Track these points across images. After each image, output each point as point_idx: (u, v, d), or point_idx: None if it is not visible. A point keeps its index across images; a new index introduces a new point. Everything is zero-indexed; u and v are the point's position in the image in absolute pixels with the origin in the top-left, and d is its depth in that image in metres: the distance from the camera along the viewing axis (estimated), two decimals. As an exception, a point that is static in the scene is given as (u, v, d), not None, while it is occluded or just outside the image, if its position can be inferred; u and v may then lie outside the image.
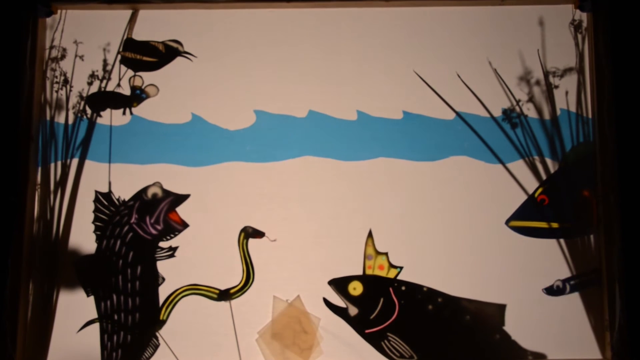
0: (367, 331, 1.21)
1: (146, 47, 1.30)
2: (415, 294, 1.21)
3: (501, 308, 1.20)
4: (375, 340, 1.20)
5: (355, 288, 1.21)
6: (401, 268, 1.22)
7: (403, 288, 1.21)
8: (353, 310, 1.21)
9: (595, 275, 1.21)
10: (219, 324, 1.21)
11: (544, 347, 1.20)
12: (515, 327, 1.20)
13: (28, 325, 1.21)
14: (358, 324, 1.21)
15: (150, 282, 1.23)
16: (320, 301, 1.21)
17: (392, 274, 1.22)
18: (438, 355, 1.20)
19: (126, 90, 1.28)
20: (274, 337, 1.20)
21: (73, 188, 1.25)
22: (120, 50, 1.30)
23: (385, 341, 1.20)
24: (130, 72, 1.29)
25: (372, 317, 1.21)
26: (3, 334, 1.17)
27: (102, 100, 1.28)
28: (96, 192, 1.25)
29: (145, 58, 1.29)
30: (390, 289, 1.22)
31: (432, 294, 1.21)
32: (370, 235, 1.23)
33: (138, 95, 1.28)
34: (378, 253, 1.22)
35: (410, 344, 1.20)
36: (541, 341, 1.20)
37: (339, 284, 1.22)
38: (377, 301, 1.21)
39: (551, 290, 1.20)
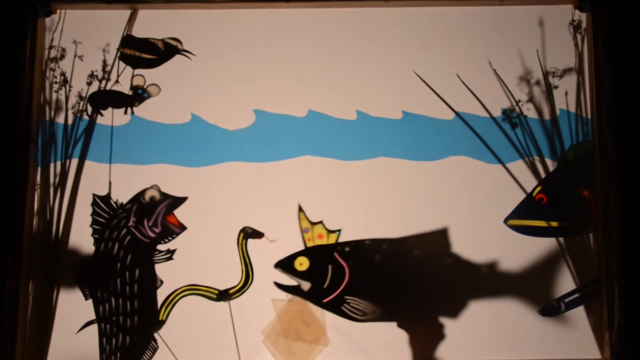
0: (324, 301, 1.21)
1: (145, 44, 1.30)
2: (360, 249, 1.22)
3: (444, 232, 1.22)
4: (335, 307, 1.21)
5: (302, 263, 1.22)
6: (339, 231, 1.23)
7: (347, 249, 1.22)
8: (305, 285, 1.22)
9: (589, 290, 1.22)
10: (218, 324, 1.21)
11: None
12: (464, 248, 1.22)
13: (28, 325, 1.21)
14: (314, 297, 1.22)
15: (148, 285, 1.23)
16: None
17: (332, 239, 1.23)
18: (399, 299, 1.21)
19: (126, 88, 1.28)
20: (279, 334, 1.20)
21: (73, 188, 1.25)
22: (120, 47, 1.30)
23: (345, 305, 1.21)
24: (129, 70, 1.29)
25: (325, 286, 1.22)
26: (3, 334, 1.17)
27: (104, 99, 1.28)
28: (94, 195, 1.25)
29: (144, 55, 1.29)
30: (335, 254, 1.22)
31: (376, 243, 1.22)
32: (300, 209, 1.23)
33: (140, 95, 1.28)
34: (313, 224, 1.23)
35: (369, 299, 1.21)
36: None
37: (285, 264, 1.22)
38: (326, 269, 1.22)
39: (546, 311, 1.21)
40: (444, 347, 1.20)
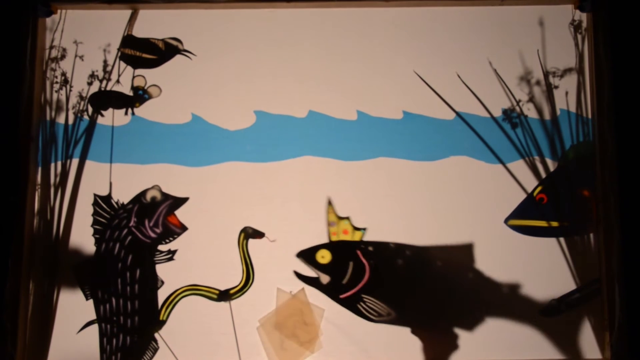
0: (341, 296, 1.21)
1: (146, 44, 1.30)
2: (383, 251, 1.22)
3: (469, 247, 1.21)
4: (351, 304, 1.21)
5: (324, 256, 1.22)
6: (365, 229, 1.23)
7: (370, 248, 1.22)
8: (325, 279, 1.22)
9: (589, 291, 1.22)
10: (219, 324, 1.21)
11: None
12: (487, 263, 1.21)
13: (28, 325, 1.21)
14: (331, 291, 1.22)
15: (149, 285, 1.23)
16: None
17: (357, 236, 1.23)
18: (415, 306, 1.21)
19: (127, 89, 1.28)
20: (276, 326, 1.20)
21: (73, 188, 1.25)
22: (120, 47, 1.30)
23: (361, 303, 1.21)
24: (130, 69, 1.29)
25: (344, 282, 1.21)
26: (3, 334, 1.17)
27: (105, 99, 1.28)
28: (95, 195, 1.25)
29: (145, 55, 1.29)
30: (358, 252, 1.22)
31: (400, 248, 1.22)
32: (329, 203, 1.23)
33: (141, 96, 1.28)
34: (340, 218, 1.23)
35: (386, 302, 1.21)
36: (513, 274, 1.21)
37: (307, 255, 1.22)
38: (347, 265, 1.22)
39: (546, 311, 1.21)
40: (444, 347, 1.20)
